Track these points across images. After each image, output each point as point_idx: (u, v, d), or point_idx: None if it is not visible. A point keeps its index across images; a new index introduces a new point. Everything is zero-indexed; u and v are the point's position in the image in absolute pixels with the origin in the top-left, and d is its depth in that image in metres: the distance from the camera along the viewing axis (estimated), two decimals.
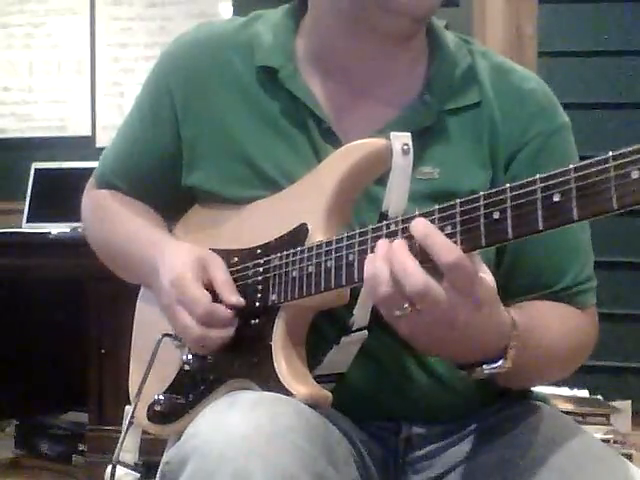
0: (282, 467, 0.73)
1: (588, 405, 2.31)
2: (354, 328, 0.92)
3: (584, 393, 2.46)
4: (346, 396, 0.91)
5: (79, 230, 2.68)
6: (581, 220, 0.68)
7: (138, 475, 1.07)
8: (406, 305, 0.75)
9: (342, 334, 0.93)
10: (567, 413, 2.12)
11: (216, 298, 0.93)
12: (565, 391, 2.45)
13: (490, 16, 2.83)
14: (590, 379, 2.67)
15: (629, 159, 0.63)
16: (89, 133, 3.19)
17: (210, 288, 0.94)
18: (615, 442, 2.14)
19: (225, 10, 3.11)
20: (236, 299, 0.93)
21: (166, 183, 1.09)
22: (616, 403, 2.42)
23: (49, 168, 3.03)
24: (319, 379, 0.91)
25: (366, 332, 0.93)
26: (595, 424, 2.23)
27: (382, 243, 0.78)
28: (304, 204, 0.93)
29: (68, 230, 2.68)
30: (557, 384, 2.47)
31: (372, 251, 0.81)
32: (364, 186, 0.93)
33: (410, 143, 0.87)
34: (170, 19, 3.16)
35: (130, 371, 1.12)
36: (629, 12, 2.94)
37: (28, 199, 2.98)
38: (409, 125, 0.95)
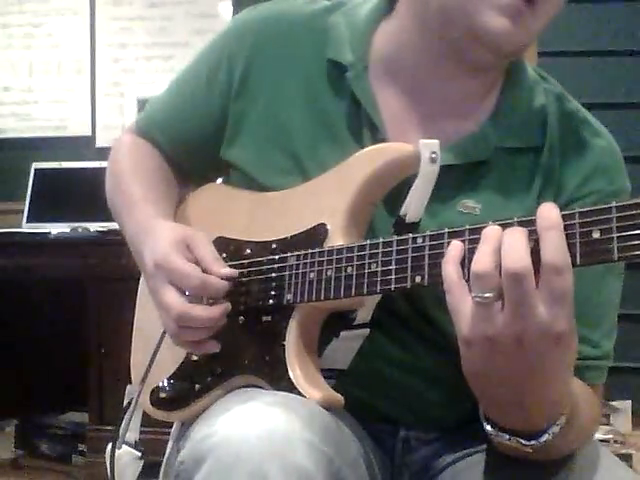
0: (298, 467, 0.73)
1: None
2: (355, 323, 0.91)
3: None
4: (344, 397, 0.90)
5: (79, 230, 2.68)
6: (621, 260, 0.65)
7: (139, 454, 1.07)
8: (489, 294, 0.69)
9: (343, 328, 0.92)
10: None
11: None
12: None
13: None
14: None
15: None
16: (89, 133, 3.19)
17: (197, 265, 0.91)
18: (615, 442, 2.14)
19: (225, 10, 3.12)
20: (228, 270, 0.90)
21: (204, 149, 1.06)
22: (616, 403, 2.43)
23: (49, 168, 3.03)
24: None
25: (368, 329, 0.92)
26: None
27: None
28: (324, 202, 0.91)
29: (68, 230, 2.68)
30: None
31: (397, 263, 0.79)
32: (387, 190, 0.90)
33: (438, 152, 0.85)
34: (170, 19, 3.16)
35: (132, 350, 1.11)
36: (629, 12, 2.94)
37: (28, 199, 2.98)
38: (463, 156, 0.92)
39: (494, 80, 0.97)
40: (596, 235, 0.66)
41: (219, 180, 1.10)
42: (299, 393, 0.85)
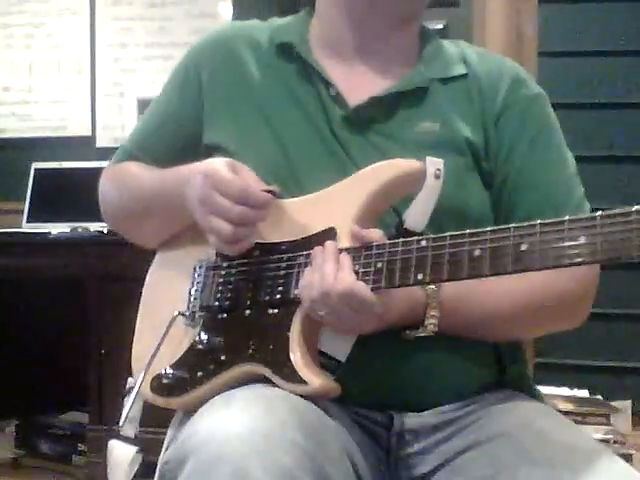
0: (280, 464, 0.74)
1: (588, 405, 2.32)
2: None
3: (584, 393, 2.46)
4: (341, 388, 0.93)
5: (79, 230, 2.68)
6: (539, 269, 0.81)
7: (136, 448, 1.09)
8: (322, 313, 0.90)
9: None
10: (567, 413, 2.12)
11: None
12: (565, 391, 2.45)
13: (490, 16, 2.84)
14: (590, 379, 2.67)
15: (581, 225, 0.77)
16: (89, 133, 3.19)
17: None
18: (615, 442, 2.14)
19: (225, 10, 3.12)
20: (269, 187, 0.98)
21: (187, 156, 1.12)
22: (616, 403, 2.43)
23: (49, 168, 3.03)
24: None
25: None
26: (595, 424, 2.23)
27: (316, 252, 0.93)
28: (335, 210, 0.98)
29: (68, 230, 2.68)
30: (557, 384, 2.47)
31: (401, 263, 0.89)
32: (394, 201, 0.99)
33: (442, 169, 0.95)
34: (170, 19, 3.17)
35: (134, 343, 1.13)
36: (629, 12, 2.94)
37: (28, 199, 2.98)
38: (404, 85, 1.09)
39: (412, 37, 1.15)
40: (524, 248, 0.81)
41: None
42: (300, 378, 0.90)
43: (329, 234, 0.96)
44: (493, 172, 1.07)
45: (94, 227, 2.63)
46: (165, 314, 1.05)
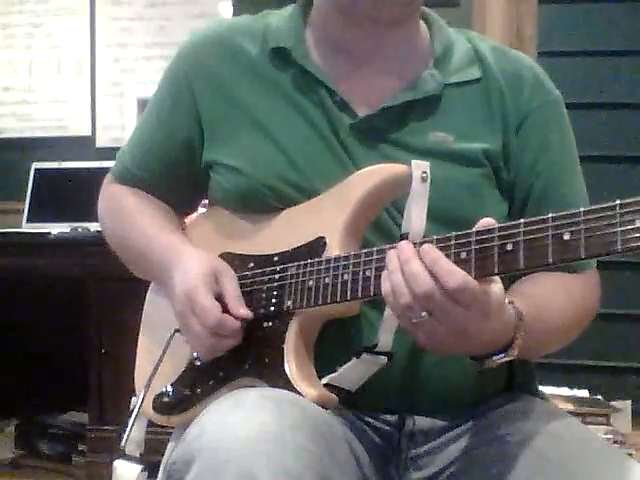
0: (287, 467, 0.74)
1: (588, 405, 2.31)
2: (377, 350, 0.95)
3: (584, 393, 2.46)
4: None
5: (79, 230, 2.68)
6: (588, 258, 0.73)
7: (141, 467, 1.09)
8: (424, 313, 0.79)
9: (365, 351, 0.95)
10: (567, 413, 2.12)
11: (226, 308, 0.97)
12: (565, 391, 2.45)
13: (490, 16, 2.84)
14: (590, 379, 2.67)
15: (634, 209, 0.70)
16: (89, 133, 3.19)
17: (220, 299, 0.98)
18: (615, 442, 2.14)
19: (225, 10, 3.12)
20: (244, 312, 0.97)
21: (184, 168, 1.12)
22: (616, 403, 2.43)
23: (49, 168, 3.03)
24: (326, 388, 0.94)
25: (386, 359, 0.95)
26: (595, 424, 2.23)
27: (392, 255, 0.83)
28: (323, 218, 0.97)
29: (68, 230, 2.68)
30: (557, 384, 2.47)
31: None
32: (382, 207, 0.98)
33: (429, 171, 0.93)
34: (170, 19, 3.16)
35: (137, 362, 1.13)
36: (629, 12, 2.95)
37: (28, 199, 2.97)
38: (417, 92, 1.03)
39: (414, 30, 1.10)
40: (567, 237, 0.74)
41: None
42: (296, 392, 0.89)
43: (319, 243, 0.97)
44: (513, 181, 1.05)
45: (94, 227, 2.63)
46: (165, 332, 1.05)
